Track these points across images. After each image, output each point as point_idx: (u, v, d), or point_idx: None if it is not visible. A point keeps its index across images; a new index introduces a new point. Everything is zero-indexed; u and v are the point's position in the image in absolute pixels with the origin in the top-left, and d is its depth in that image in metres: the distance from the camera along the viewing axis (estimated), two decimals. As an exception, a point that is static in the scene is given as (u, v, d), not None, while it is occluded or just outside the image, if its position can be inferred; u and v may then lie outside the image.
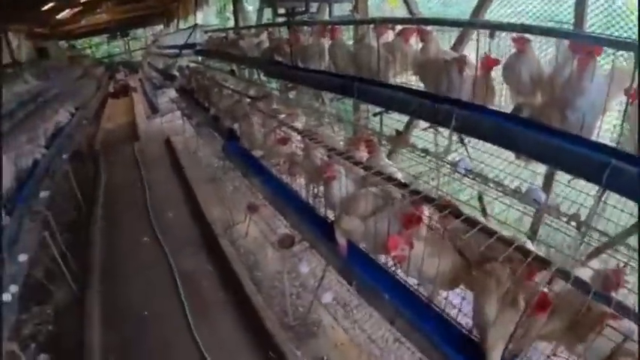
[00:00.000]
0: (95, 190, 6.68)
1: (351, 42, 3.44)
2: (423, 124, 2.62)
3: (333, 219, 2.54)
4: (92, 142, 9.48)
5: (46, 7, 10.86)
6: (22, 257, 3.33)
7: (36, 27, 12.45)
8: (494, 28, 2.06)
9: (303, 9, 3.96)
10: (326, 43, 3.30)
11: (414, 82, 2.69)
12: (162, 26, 19.14)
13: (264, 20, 7.00)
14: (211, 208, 5.62)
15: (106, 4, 13.74)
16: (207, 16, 12.98)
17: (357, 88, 2.74)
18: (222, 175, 4.58)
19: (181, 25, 14.34)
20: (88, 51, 21.72)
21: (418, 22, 2.65)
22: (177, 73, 8.69)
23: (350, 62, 3.03)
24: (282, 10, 4.50)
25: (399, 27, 2.68)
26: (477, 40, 2.03)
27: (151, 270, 4.59)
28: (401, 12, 4.64)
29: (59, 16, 13.94)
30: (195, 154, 7.59)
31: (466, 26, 3.04)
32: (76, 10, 14.41)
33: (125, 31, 18.81)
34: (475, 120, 1.98)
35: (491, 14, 3.65)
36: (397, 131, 3.19)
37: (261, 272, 4.31)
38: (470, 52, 2.23)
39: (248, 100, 4.54)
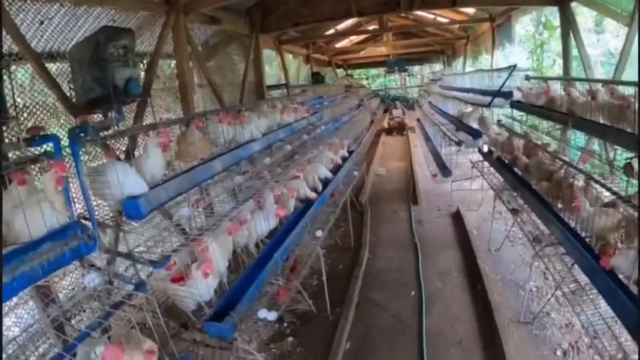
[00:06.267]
0: (350, 290, 4.30)
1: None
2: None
3: None
4: (359, 192, 7.21)
5: (328, 32, 11.13)
6: None
7: (315, 52, 12.53)
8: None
9: None
10: None
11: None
12: (440, 65, 18.27)
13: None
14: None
15: (387, 35, 13.89)
16: (508, 57, 9.71)
17: None
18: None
19: (468, 66, 12.46)
20: (364, 82, 22.74)
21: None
22: (478, 127, 6.49)
23: None
24: None
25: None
26: None
27: None
28: None
29: (339, 45, 15.32)
30: (498, 253, 5.02)
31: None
32: (357, 40, 15.50)
33: (403, 66, 18.69)
34: None
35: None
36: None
37: None
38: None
39: None
